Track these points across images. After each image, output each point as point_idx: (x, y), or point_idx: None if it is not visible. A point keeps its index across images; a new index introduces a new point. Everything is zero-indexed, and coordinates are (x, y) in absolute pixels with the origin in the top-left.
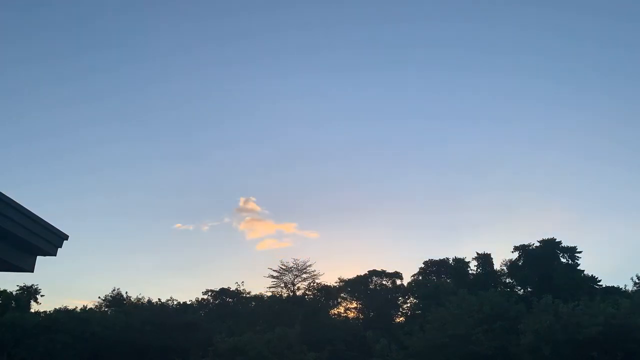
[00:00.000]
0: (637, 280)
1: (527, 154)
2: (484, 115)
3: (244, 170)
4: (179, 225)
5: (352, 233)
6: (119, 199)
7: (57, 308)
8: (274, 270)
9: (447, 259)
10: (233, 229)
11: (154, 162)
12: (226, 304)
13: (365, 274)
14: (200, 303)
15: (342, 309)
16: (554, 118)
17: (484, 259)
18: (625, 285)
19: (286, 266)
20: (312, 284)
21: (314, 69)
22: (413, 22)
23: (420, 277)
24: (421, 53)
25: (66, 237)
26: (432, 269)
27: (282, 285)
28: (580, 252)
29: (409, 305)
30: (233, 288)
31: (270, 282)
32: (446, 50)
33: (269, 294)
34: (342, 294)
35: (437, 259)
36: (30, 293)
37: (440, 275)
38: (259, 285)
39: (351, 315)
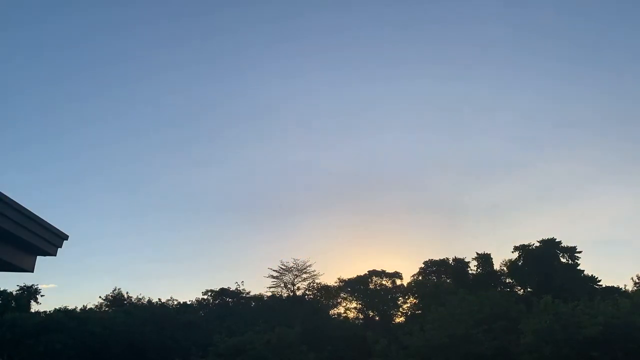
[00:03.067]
0: (637, 280)
1: (527, 153)
2: (484, 116)
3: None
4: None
5: (353, 233)
6: (119, 198)
7: (57, 308)
8: (274, 270)
9: (447, 259)
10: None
11: (154, 161)
12: (226, 304)
13: (365, 274)
14: (200, 303)
15: (342, 309)
16: (553, 117)
17: (484, 259)
18: (625, 285)
19: (286, 266)
20: (312, 284)
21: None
22: None
23: (420, 277)
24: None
25: (66, 237)
26: (432, 269)
27: (282, 285)
28: (580, 252)
29: (409, 305)
30: (233, 288)
31: (270, 282)
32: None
33: (269, 294)
34: (342, 294)
35: (437, 259)
36: (30, 293)
37: (440, 275)
38: (259, 285)
39: (351, 315)
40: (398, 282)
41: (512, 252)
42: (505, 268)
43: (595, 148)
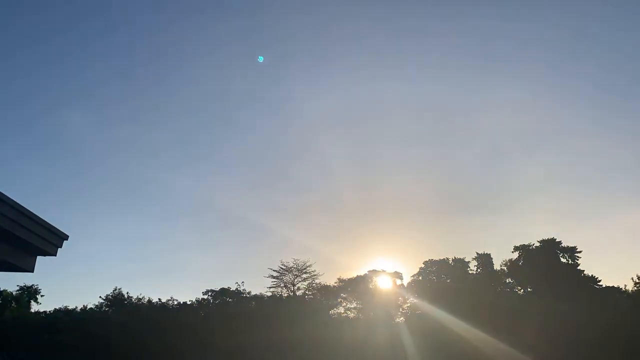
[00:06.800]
0: (637, 280)
1: (527, 153)
2: (486, 116)
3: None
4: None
5: (353, 233)
6: (119, 198)
7: (57, 308)
8: (274, 270)
9: (447, 259)
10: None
11: (155, 161)
12: (226, 304)
13: (365, 274)
14: (200, 303)
15: (342, 309)
16: (552, 117)
17: (484, 259)
18: (625, 285)
19: (286, 266)
20: (312, 284)
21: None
22: None
23: (420, 277)
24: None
25: (66, 237)
26: (432, 269)
27: (282, 285)
28: (580, 252)
29: (409, 305)
30: (233, 288)
31: (270, 282)
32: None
33: (269, 294)
34: (342, 294)
35: (437, 259)
36: (30, 293)
37: (440, 275)
38: (259, 285)
39: (351, 315)
40: (398, 282)
41: (512, 252)
42: (505, 268)
43: (596, 148)
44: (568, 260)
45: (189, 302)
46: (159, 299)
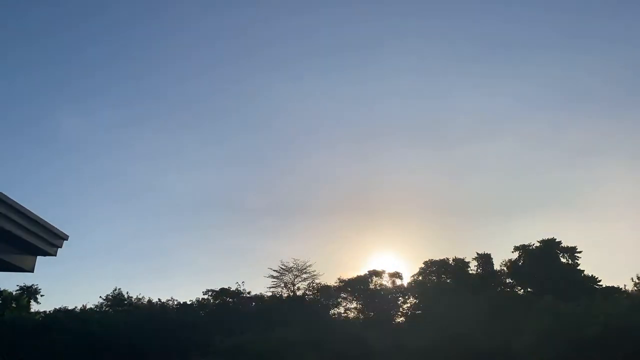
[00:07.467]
0: (637, 280)
1: (528, 153)
2: (486, 116)
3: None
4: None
5: (353, 233)
6: (119, 198)
7: (57, 308)
8: (274, 270)
9: (447, 259)
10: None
11: (155, 161)
12: (226, 304)
13: (365, 274)
14: (200, 303)
15: (342, 309)
16: (552, 116)
17: (484, 259)
18: (625, 285)
19: (286, 266)
20: (312, 284)
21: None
22: None
23: (420, 277)
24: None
25: (66, 238)
26: (432, 269)
27: (282, 285)
28: (580, 252)
29: (409, 305)
30: (233, 288)
31: (270, 282)
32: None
33: (269, 294)
34: (342, 294)
35: (437, 259)
36: (30, 293)
37: (440, 275)
38: (259, 285)
39: (351, 315)
40: (398, 282)
41: (512, 252)
42: (505, 268)
43: (595, 148)
44: (568, 260)
45: (189, 302)
46: (159, 299)
